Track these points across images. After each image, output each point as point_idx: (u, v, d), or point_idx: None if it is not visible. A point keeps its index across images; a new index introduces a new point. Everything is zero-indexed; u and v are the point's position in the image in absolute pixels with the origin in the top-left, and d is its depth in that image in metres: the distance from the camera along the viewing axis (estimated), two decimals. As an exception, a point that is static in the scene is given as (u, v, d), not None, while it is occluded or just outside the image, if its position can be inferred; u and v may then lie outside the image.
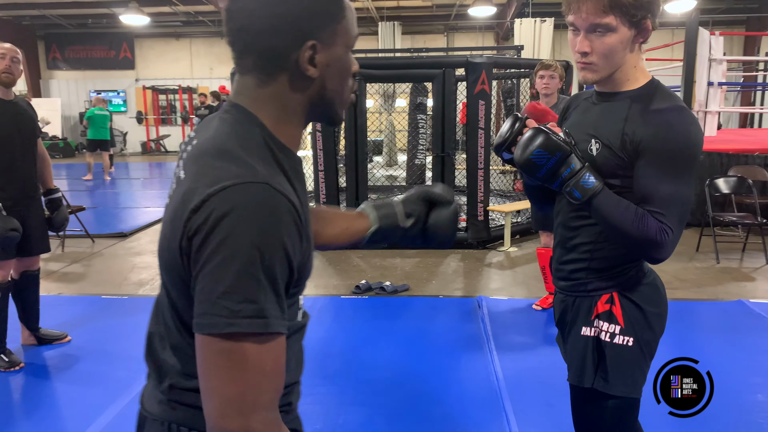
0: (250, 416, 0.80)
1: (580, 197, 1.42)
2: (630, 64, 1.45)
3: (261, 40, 0.88)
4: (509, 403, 2.88)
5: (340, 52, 0.93)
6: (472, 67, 5.78)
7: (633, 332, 1.51)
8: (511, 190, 8.55)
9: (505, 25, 15.69)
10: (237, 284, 0.78)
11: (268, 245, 0.80)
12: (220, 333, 0.78)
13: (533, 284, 4.88)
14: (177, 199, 0.86)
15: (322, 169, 6.01)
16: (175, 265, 0.85)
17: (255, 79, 0.91)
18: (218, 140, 0.88)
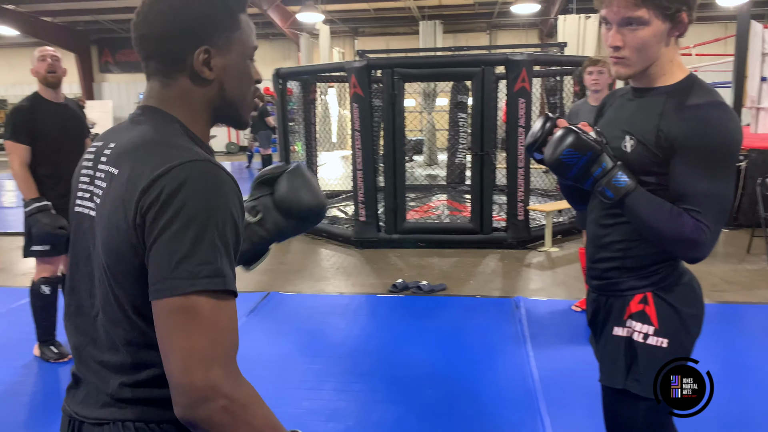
0: (210, 369, 0.84)
1: (612, 196, 1.39)
2: (666, 58, 1.41)
3: (159, 46, 0.99)
4: (544, 405, 2.83)
5: (237, 59, 1.03)
6: (512, 64, 5.71)
7: (668, 333, 1.47)
8: (554, 190, 8.41)
9: (549, 22, 15.43)
10: (194, 249, 0.85)
11: (219, 212, 0.88)
12: (182, 293, 0.84)
13: (574, 285, 4.79)
14: (117, 189, 0.92)
15: (360, 168, 6.04)
16: (126, 251, 0.90)
17: (159, 82, 1.02)
18: (148, 136, 0.97)
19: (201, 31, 0.98)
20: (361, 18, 17.39)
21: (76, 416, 1.01)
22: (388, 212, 6.06)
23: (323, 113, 10.32)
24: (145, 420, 0.95)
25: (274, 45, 19.05)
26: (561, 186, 1.73)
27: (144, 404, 0.95)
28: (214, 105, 1.03)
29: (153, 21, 0.98)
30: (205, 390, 0.84)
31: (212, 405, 0.84)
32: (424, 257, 5.71)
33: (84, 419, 0.99)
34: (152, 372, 0.95)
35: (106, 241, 0.93)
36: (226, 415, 0.85)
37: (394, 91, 5.83)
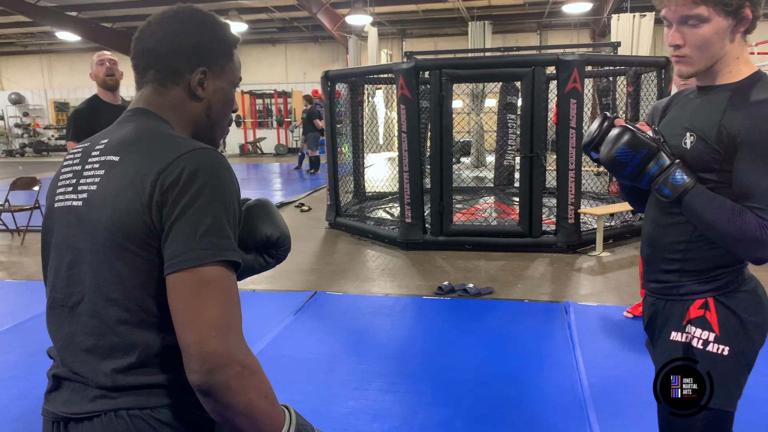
0: (228, 336, 0.91)
1: (669, 194, 1.38)
2: (731, 55, 1.38)
3: (164, 60, 1.08)
4: (594, 413, 2.76)
5: (226, 85, 1.14)
6: (564, 64, 5.60)
7: (729, 341, 1.41)
8: (606, 193, 8.20)
9: (601, 21, 15.07)
10: (216, 224, 0.94)
11: (230, 195, 0.98)
12: (210, 262, 0.91)
13: (625, 291, 4.65)
14: (122, 173, 0.98)
15: (406, 170, 6.04)
16: (136, 228, 0.95)
17: (153, 90, 1.10)
18: (146, 129, 1.05)
19: (204, 54, 1.09)
20: (409, 20, 17.40)
21: (60, 415, 1.00)
22: (435, 214, 6.03)
23: (370, 115, 10.37)
24: (139, 407, 0.96)
25: (323, 48, 19.27)
26: (620, 186, 1.70)
27: (137, 391, 0.96)
28: (197, 121, 1.12)
29: (162, 38, 1.08)
30: (224, 356, 0.89)
31: (229, 370, 0.89)
32: (470, 260, 5.66)
33: (71, 416, 0.99)
34: (144, 354, 0.97)
35: (110, 221, 0.97)
36: (240, 380, 0.90)
37: (442, 92, 5.81)
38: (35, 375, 3.28)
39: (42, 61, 20.96)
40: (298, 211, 8.60)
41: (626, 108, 7.60)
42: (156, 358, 0.98)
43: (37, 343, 3.82)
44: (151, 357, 0.98)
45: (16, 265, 5.93)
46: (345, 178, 7.85)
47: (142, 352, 0.97)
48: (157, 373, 0.98)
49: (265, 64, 19.83)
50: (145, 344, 0.98)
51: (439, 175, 5.96)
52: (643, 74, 7.06)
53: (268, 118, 20.19)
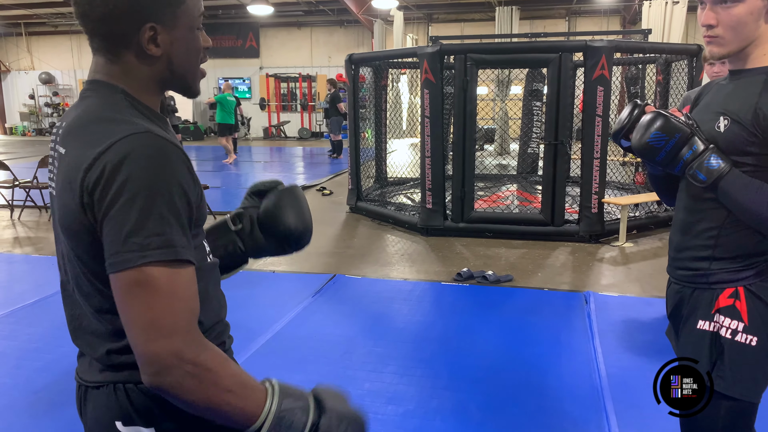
0: (172, 337, 0.85)
1: (704, 179, 1.35)
2: (765, 37, 1.35)
3: (102, 25, 0.97)
4: (611, 403, 2.74)
5: (184, 32, 1.01)
6: (591, 51, 5.50)
7: (758, 332, 1.39)
8: (632, 183, 8.07)
9: (632, 8, 14.75)
10: (142, 221, 0.85)
11: (165, 182, 0.88)
12: (134, 265, 0.85)
13: (648, 282, 4.59)
14: (64, 170, 0.94)
15: (428, 156, 6.00)
16: (79, 228, 0.92)
17: (104, 58, 1.00)
18: (90, 112, 0.97)
19: (144, 9, 0.96)
20: (436, 4, 17.21)
21: (81, 382, 1.06)
22: (456, 200, 6.00)
23: (394, 100, 10.32)
24: (134, 382, 0.98)
25: (348, 32, 19.19)
26: (649, 177, 1.68)
27: (132, 368, 0.97)
28: (161, 78, 1.02)
29: (96, 1, 0.95)
30: (169, 358, 0.85)
31: (176, 371, 0.86)
32: (490, 247, 5.62)
33: (87, 384, 1.04)
34: None
35: (61, 221, 0.96)
36: (192, 380, 0.86)
37: (467, 77, 5.74)
38: (58, 348, 3.36)
39: (72, 42, 21.22)
40: (319, 195, 8.62)
41: (655, 97, 7.44)
42: None
43: (61, 317, 3.90)
44: None
45: (43, 240, 6.06)
46: (367, 162, 7.84)
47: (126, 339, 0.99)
48: None
49: (290, 48, 19.83)
50: None
51: (461, 162, 5.92)
52: (674, 62, 6.90)
53: (292, 101, 20.22)
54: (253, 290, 4.35)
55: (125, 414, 0.99)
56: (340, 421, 0.98)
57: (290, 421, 0.94)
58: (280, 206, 1.18)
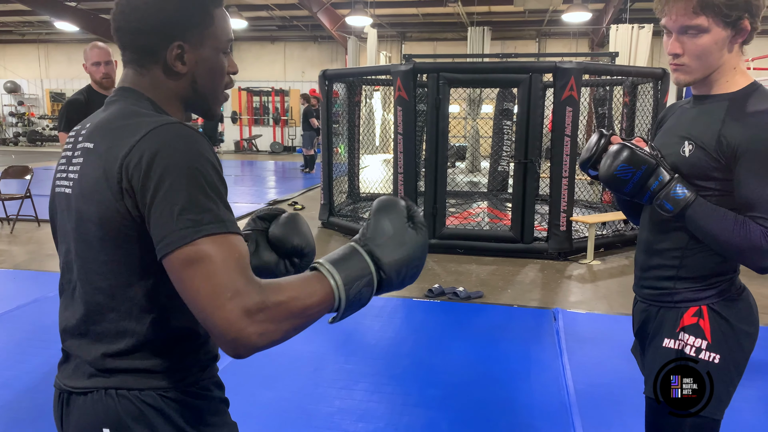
0: (234, 299, 0.85)
1: (671, 209, 1.38)
2: (729, 65, 1.40)
3: (134, 40, 1.03)
4: (579, 419, 2.77)
5: (209, 53, 1.06)
6: (561, 72, 5.62)
7: (721, 349, 1.43)
8: (599, 202, 8.23)
9: (600, 31, 15.15)
10: (191, 200, 0.89)
11: (201, 164, 0.92)
12: (191, 240, 0.87)
13: (615, 299, 4.67)
14: (95, 162, 0.97)
15: (401, 172, 6.04)
16: (113, 218, 0.94)
17: (133, 70, 1.06)
18: (120, 111, 1.02)
19: (174, 28, 1.02)
20: (410, 23, 17.42)
21: (64, 388, 1.05)
22: (428, 217, 6.04)
23: (367, 116, 10.37)
24: (127, 388, 0.99)
25: (322, 47, 19.27)
26: (617, 199, 1.71)
27: (125, 373, 0.98)
28: (184, 96, 1.08)
29: (129, 15, 1.02)
30: (239, 320, 0.85)
31: (253, 327, 0.85)
32: (461, 263, 5.66)
33: (71, 390, 1.03)
34: (132, 341, 0.99)
35: (89, 212, 0.97)
36: (270, 324, 0.87)
37: (439, 96, 5.82)
38: (19, 364, 3.26)
39: (39, 51, 20.83)
40: (291, 210, 8.58)
41: (622, 118, 7.64)
42: (146, 345, 1.00)
43: (22, 332, 3.80)
44: (140, 344, 1.00)
45: (4, 253, 5.89)
46: (340, 178, 7.84)
47: (131, 339, 0.99)
48: (146, 359, 1.00)
49: (263, 62, 19.81)
50: (134, 332, 0.99)
51: (433, 178, 5.97)
52: (640, 85, 7.10)
53: (264, 115, 20.16)
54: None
55: (115, 420, 0.99)
56: (398, 272, 0.97)
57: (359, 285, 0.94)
58: (287, 227, 1.25)
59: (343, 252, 0.96)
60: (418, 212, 1.03)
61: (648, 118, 6.88)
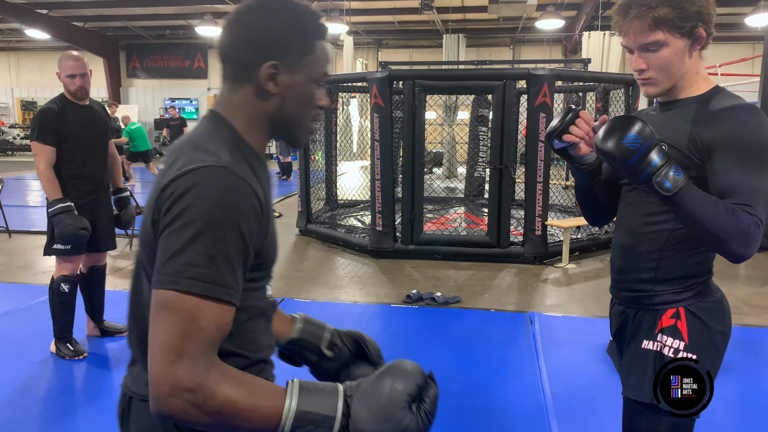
0: (177, 363, 0.86)
1: (671, 188, 1.31)
2: (692, 71, 1.45)
3: (236, 51, 1.04)
4: (555, 422, 2.80)
5: (303, 80, 1.06)
6: (534, 79, 5.71)
7: (697, 350, 1.46)
8: (574, 206, 8.34)
9: (573, 38, 15.39)
10: (186, 248, 0.88)
11: (223, 220, 0.90)
12: (164, 287, 0.89)
13: (590, 302, 4.74)
14: (153, 188, 0.99)
15: (378, 179, 6.06)
16: (149, 240, 0.96)
17: (228, 87, 1.07)
18: (193, 137, 1.03)
19: (274, 46, 1.02)
20: (385, 30, 17.51)
21: (127, 392, 1.07)
22: (405, 223, 6.07)
23: (345, 123, 10.38)
24: None
25: (299, 54, 19.24)
26: (576, 189, 1.70)
27: None
28: (271, 118, 1.06)
29: (237, 29, 1.03)
30: (168, 384, 0.86)
31: (176, 400, 0.86)
32: (439, 269, 5.70)
33: (133, 394, 1.05)
34: None
35: (140, 231, 1.01)
36: (193, 408, 0.86)
37: (415, 103, 5.86)
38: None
39: (9, 59, 20.47)
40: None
41: (594, 123, 7.76)
42: None
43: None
44: None
45: (-26, 266, 5.77)
46: (317, 185, 7.83)
47: None
48: None
49: (239, 69, 19.71)
50: None
51: (410, 185, 6.01)
52: (612, 91, 7.23)
53: (241, 123, 20.05)
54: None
55: None
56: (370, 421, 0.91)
57: (316, 418, 0.90)
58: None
59: (324, 386, 0.93)
60: (432, 398, 0.96)
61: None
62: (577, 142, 1.53)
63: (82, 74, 3.36)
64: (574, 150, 1.55)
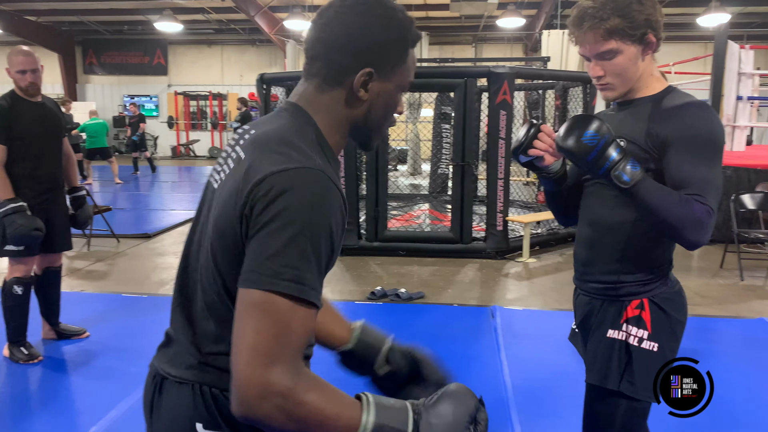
0: (270, 366, 0.86)
1: (629, 180, 1.40)
2: (646, 73, 1.54)
3: (331, 52, 1.01)
4: (516, 414, 2.86)
5: (392, 88, 1.06)
6: (494, 77, 5.79)
7: (659, 338, 1.54)
8: (534, 202, 8.49)
9: (533, 36, 15.63)
10: (284, 250, 0.88)
11: (318, 223, 0.91)
12: (262, 288, 0.88)
13: (550, 295, 4.84)
14: (237, 174, 0.97)
15: (343, 176, 6.05)
16: (229, 231, 0.94)
17: (315, 86, 1.04)
18: (279, 131, 1.00)
19: (373, 54, 1.01)
20: (349, 27, 17.45)
21: (161, 372, 1.06)
22: (370, 220, 6.08)
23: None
24: (220, 387, 0.99)
25: (261, 51, 19.06)
26: (547, 196, 1.77)
27: (221, 372, 0.97)
28: (355, 123, 1.06)
29: (335, 29, 1.01)
30: (258, 388, 0.85)
31: (266, 404, 0.85)
32: (404, 265, 5.73)
33: (167, 375, 1.05)
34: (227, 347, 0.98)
35: (217, 217, 0.98)
36: (282, 413, 0.86)
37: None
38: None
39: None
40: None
41: (554, 121, 7.92)
42: None
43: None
44: None
45: None
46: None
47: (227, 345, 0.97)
48: None
49: (200, 66, 19.41)
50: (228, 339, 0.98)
51: (374, 182, 6.02)
52: (570, 88, 7.38)
53: (202, 120, 19.75)
54: (158, 315, 4.19)
55: (209, 418, 1.00)
56: None
57: None
58: None
59: (394, 402, 0.96)
60: (485, 421, 1.02)
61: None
62: (542, 155, 1.60)
63: (33, 70, 3.27)
64: (540, 162, 1.63)
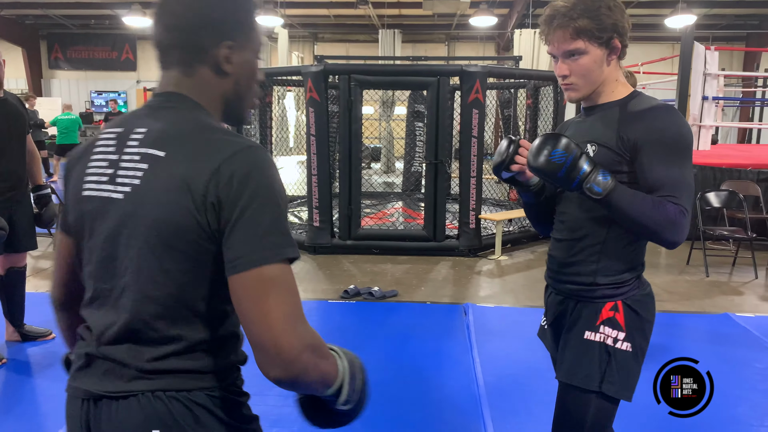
0: (296, 326, 0.94)
1: (600, 191, 1.46)
2: (611, 78, 1.58)
3: (185, 37, 1.02)
4: (488, 410, 2.88)
5: (251, 56, 1.08)
6: (467, 75, 5.81)
7: (632, 338, 1.59)
8: (506, 200, 8.57)
9: (505, 35, 15.76)
10: (275, 223, 0.95)
11: (282, 193, 0.98)
12: (274, 261, 0.93)
13: (522, 293, 4.89)
14: (173, 170, 0.95)
15: (315, 174, 6.02)
16: (188, 227, 0.95)
17: (180, 72, 1.04)
18: (190, 122, 1.01)
19: (226, 26, 1.03)
20: (321, 24, 17.39)
21: (93, 393, 1.01)
22: (343, 218, 6.06)
23: (280, 117, 10.26)
24: (176, 389, 0.99)
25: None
26: (525, 207, 1.81)
27: (173, 375, 0.99)
28: (227, 98, 1.08)
29: (180, 12, 1.02)
30: (297, 347, 0.92)
31: (304, 357, 0.93)
32: (377, 263, 5.73)
33: (104, 394, 1.00)
34: (182, 345, 0.99)
35: (159, 220, 0.96)
36: (312, 360, 0.95)
37: (351, 98, 5.85)
38: None
39: None
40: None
41: (525, 119, 8.00)
42: (197, 347, 1.01)
43: None
44: (191, 347, 1.00)
45: None
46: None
47: (181, 343, 1.00)
48: (197, 360, 1.01)
49: (170, 61, 19.10)
50: (185, 337, 1.00)
51: (348, 180, 6.00)
52: (542, 87, 7.46)
53: (173, 117, 19.46)
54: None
55: (166, 422, 0.98)
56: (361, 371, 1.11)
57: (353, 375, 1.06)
58: None
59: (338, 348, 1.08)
60: None
61: (549, 119, 7.25)
62: (524, 170, 1.63)
63: None
64: (522, 176, 1.67)
